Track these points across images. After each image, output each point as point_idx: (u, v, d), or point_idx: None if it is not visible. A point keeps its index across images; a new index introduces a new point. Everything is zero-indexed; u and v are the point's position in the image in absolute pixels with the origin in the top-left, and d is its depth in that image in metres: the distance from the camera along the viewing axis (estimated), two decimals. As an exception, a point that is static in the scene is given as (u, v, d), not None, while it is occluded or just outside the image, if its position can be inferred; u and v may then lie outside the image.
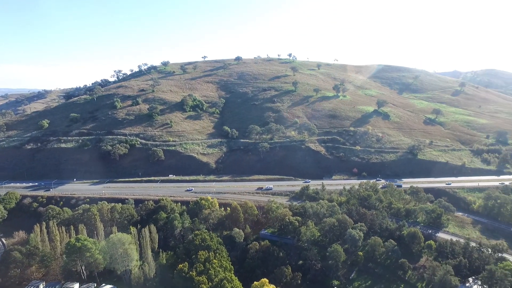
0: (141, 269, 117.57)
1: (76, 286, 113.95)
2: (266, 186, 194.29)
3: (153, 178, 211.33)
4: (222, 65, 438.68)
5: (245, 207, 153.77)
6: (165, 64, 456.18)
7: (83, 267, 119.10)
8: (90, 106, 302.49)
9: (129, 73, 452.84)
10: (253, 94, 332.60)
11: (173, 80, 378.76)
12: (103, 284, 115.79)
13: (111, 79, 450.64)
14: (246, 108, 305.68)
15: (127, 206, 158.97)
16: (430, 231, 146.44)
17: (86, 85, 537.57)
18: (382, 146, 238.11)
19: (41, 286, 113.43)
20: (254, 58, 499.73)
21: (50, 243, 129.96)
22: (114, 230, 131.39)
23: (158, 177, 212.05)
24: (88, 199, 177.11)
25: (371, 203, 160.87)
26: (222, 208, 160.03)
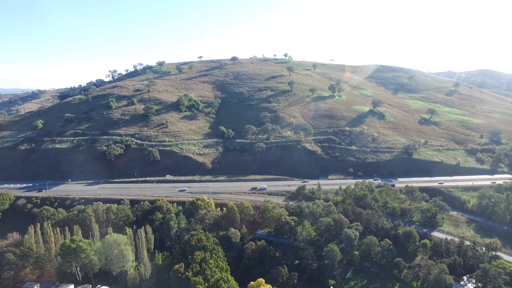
0: (136, 270, 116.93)
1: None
2: (260, 186, 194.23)
3: (148, 178, 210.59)
4: (218, 65, 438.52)
5: (241, 207, 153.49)
6: (160, 64, 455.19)
7: (78, 269, 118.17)
8: (85, 106, 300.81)
9: (124, 73, 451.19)
10: (249, 94, 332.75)
11: (168, 80, 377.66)
12: (99, 285, 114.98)
13: (106, 79, 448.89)
14: (242, 108, 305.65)
15: (123, 206, 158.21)
16: (425, 230, 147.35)
17: (81, 85, 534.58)
18: (377, 146, 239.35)
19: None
20: (250, 58, 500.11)
21: (44, 245, 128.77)
22: (110, 231, 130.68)
23: (154, 177, 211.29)
24: (83, 200, 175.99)
25: (367, 203, 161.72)
26: (218, 208, 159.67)
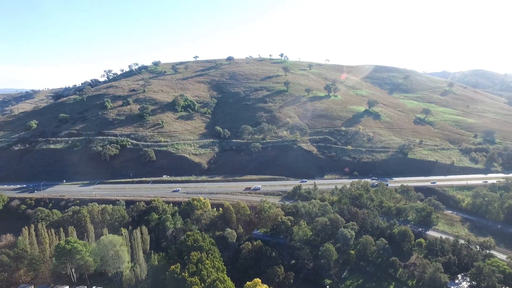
0: (132, 270, 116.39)
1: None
2: (254, 186, 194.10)
3: (144, 179, 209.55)
4: (213, 65, 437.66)
5: (237, 207, 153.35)
6: (156, 64, 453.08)
7: (73, 270, 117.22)
8: (80, 107, 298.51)
9: (119, 73, 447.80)
10: (245, 94, 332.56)
11: (164, 80, 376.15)
12: (94, 286, 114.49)
13: (101, 79, 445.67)
14: (238, 108, 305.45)
15: (118, 207, 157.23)
16: (420, 229, 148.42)
17: (75, 85, 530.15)
18: (373, 145, 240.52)
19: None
20: (245, 58, 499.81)
21: (39, 246, 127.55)
22: (105, 231, 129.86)
23: (149, 178, 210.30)
24: (78, 201, 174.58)
25: (363, 202, 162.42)
26: (215, 208, 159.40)
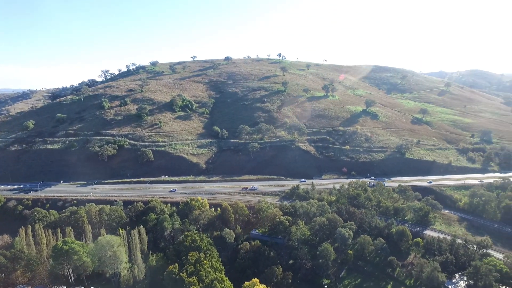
0: (130, 271, 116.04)
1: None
2: (251, 187, 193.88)
3: (142, 179, 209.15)
4: (211, 65, 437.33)
5: (235, 208, 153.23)
6: (153, 64, 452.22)
7: (71, 271, 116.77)
8: (77, 107, 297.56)
9: (117, 73, 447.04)
10: (243, 94, 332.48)
11: (162, 80, 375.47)
12: (92, 287, 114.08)
13: (99, 79, 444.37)
14: (236, 108, 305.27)
15: (116, 207, 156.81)
16: (418, 229, 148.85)
17: (72, 85, 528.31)
18: (371, 145, 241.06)
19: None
20: (243, 58, 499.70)
21: (36, 247, 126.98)
22: (103, 232, 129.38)
23: (147, 178, 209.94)
24: (75, 201, 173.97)
25: (361, 202, 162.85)
26: (213, 208, 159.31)
